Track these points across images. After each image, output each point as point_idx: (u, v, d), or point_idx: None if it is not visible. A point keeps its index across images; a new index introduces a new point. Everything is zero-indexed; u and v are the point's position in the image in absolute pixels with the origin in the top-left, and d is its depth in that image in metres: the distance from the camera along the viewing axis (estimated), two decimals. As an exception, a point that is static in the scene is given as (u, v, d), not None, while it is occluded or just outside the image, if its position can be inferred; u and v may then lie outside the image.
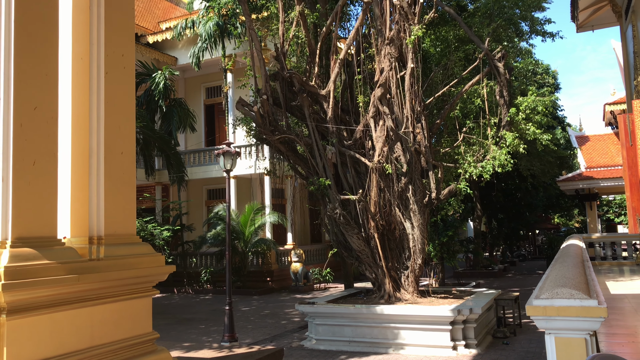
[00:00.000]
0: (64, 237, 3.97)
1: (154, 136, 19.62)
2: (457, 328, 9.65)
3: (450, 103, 12.32)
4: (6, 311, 3.16)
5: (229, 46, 22.27)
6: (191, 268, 22.56)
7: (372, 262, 11.19)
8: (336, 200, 10.89)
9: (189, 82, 27.18)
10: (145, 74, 22.03)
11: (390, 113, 10.85)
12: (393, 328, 10.00)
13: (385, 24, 11.21)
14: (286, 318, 14.38)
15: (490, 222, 31.78)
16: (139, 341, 4.12)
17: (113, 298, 3.95)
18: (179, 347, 8.58)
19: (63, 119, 4.03)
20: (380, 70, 11.21)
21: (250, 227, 20.94)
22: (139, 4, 26.07)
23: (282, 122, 11.71)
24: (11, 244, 3.31)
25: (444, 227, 17.59)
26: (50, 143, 3.65)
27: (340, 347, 10.30)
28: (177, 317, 15.16)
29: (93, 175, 4.09)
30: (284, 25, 11.99)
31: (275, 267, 21.70)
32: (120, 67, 4.32)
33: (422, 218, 10.90)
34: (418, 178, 10.94)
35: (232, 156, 11.62)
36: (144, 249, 4.35)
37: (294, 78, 11.29)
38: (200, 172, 24.23)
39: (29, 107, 3.51)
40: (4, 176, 3.36)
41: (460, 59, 14.32)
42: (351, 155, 11.28)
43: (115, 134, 4.21)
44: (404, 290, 11.08)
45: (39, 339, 3.36)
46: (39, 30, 3.62)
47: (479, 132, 12.38)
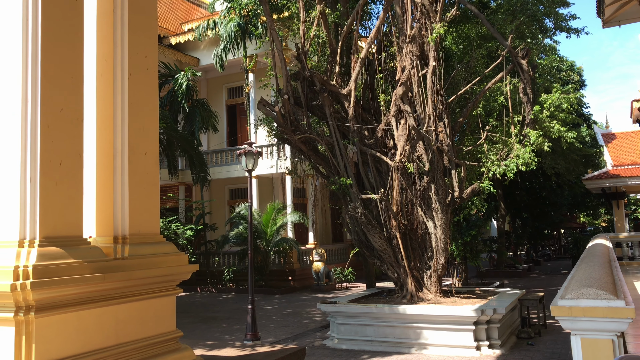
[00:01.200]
0: (90, 236, 4.03)
1: (177, 137, 19.83)
2: (481, 328, 9.56)
3: (472, 101, 12.20)
4: (34, 309, 3.22)
5: (250, 46, 22.39)
6: (214, 267, 22.74)
7: (394, 262, 11.15)
8: (358, 200, 10.87)
9: (211, 82, 27.39)
10: (168, 75, 22.28)
11: (412, 111, 10.79)
12: (415, 328, 9.94)
13: (407, 22, 11.15)
14: (308, 317, 14.40)
15: (514, 221, 31.41)
16: (163, 339, 4.16)
17: (137, 296, 3.99)
18: (202, 346, 8.66)
19: (88, 120, 4.09)
20: (402, 69, 11.15)
21: (272, 226, 21.02)
22: (162, 6, 26.36)
23: (303, 122, 11.73)
24: (39, 243, 3.37)
25: (467, 227, 17.42)
26: (76, 144, 3.72)
27: (362, 346, 10.28)
28: (201, 316, 15.30)
29: (117, 176, 4.15)
30: (304, 24, 12.01)
31: (297, 266, 21.75)
32: (144, 68, 4.37)
33: (444, 217, 10.81)
34: (440, 177, 10.85)
35: (253, 156, 11.69)
36: (168, 248, 4.39)
37: (315, 77, 11.30)
38: (223, 172, 24.41)
39: (56, 108, 3.57)
40: (32, 177, 3.43)
41: (483, 56, 14.17)
42: (372, 154, 11.25)
43: (139, 134, 4.26)
44: (426, 290, 11.01)
45: (66, 337, 3.42)
46: (65, 34, 3.68)
47: (502, 130, 12.23)
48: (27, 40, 3.51)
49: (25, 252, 3.30)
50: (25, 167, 3.44)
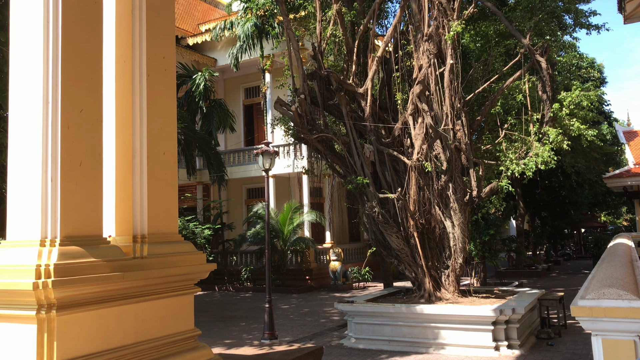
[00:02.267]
0: (109, 235, 4.08)
1: (194, 137, 19.98)
2: (500, 328, 9.48)
3: (490, 99, 12.10)
4: (56, 307, 3.27)
5: (267, 46, 22.45)
6: (232, 266, 22.87)
7: (411, 261, 11.10)
8: (374, 199, 10.84)
9: (228, 82, 27.54)
10: (186, 75, 22.45)
11: (429, 110, 10.73)
12: (433, 328, 9.89)
13: (424, 20, 11.09)
14: (325, 316, 14.41)
15: (534, 221, 31.07)
16: (182, 338, 4.20)
17: (156, 295, 4.03)
18: (220, 344, 8.70)
19: (107, 121, 4.14)
20: (419, 67, 11.10)
21: (289, 225, 21.07)
22: (179, 7, 26.57)
23: (320, 121, 11.73)
24: (60, 242, 3.42)
25: (485, 226, 17.28)
26: (95, 144, 3.76)
27: (379, 346, 10.26)
28: (218, 315, 15.39)
29: (136, 176, 4.19)
30: (321, 24, 12.01)
31: (314, 265, 21.77)
32: (162, 69, 4.41)
33: (462, 216, 10.74)
34: (458, 176, 10.78)
35: (270, 155, 11.72)
36: (186, 247, 4.43)
37: (331, 77, 11.30)
38: (240, 171, 24.53)
39: (76, 110, 3.62)
40: (52, 177, 3.48)
41: (501, 54, 14.03)
42: (389, 153, 11.21)
43: (158, 135, 4.30)
44: (444, 290, 10.94)
45: (87, 334, 3.47)
46: (85, 36, 3.73)
47: (521, 128, 12.11)
48: (48, 42, 3.56)
49: (46, 251, 3.36)
50: (46, 167, 3.49)
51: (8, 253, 3.48)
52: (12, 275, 3.32)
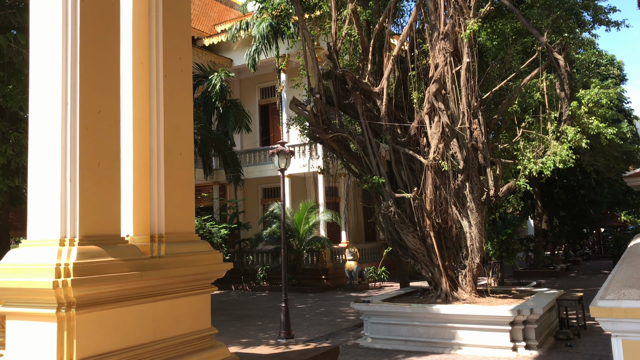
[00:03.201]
0: (127, 235, 4.12)
1: (211, 137, 20.11)
2: (517, 328, 9.39)
3: (508, 97, 11.99)
4: (75, 305, 3.31)
5: (282, 46, 22.50)
6: (248, 265, 22.96)
7: (428, 261, 11.04)
8: (390, 198, 10.80)
9: (244, 83, 27.65)
10: (202, 76, 22.59)
11: (445, 109, 10.67)
12: (450, 328, 9.84)
13: (440, 18, 11.03)
14: (341, 316, 14.40)
15: (552, 220, 30.72)
16: (199, 336, 4.23)
17: (174, 294, 4.07)
18: (237, 343, 8.76)
19: (125, 122, 4.19)
20: (435, 66, 11.03)
21: (305, 225, 21.10)
22: (195, 8, 26.74)
23: (335, 121, 11.72)
24: (79, 241, 3.47)
25: (502, 225, 17.13)
26: (113, 145, 3.81)
27: (396, 346, 10.22)
28: (235, 314, 15.47)
29: (154, 176, 4.23)
30: (336, 23, 12.00)
31: (329, 265, 21.77)
32: (178, 70, 4.45)
33: (479, 216, 10.66)
34: (475, 175, 10.70)
35: (286, 155, 11.75)
36: (203, 247, 4.46)
37: (346, 76, 11.29)
38: (256, 171, 24.62)
39: (94, 110, 3.66)
40: (71, 177, 3.53)
41: (518, 52, 13.89)
42: (405, 152, 11.17)
43: (175, 135, 4.33)
44: (461, 290, 10.87)
45: (106, 333, 3.51)
46: (102, 38, 3.77)
47: (539, 127, 11.98)
48: (67, 44, 3.61)
49: (66, 250, 3.40)
50: (65, 167, 3.54)
51: (29, 252, 3.54)
52: (33, 274, 3.37)
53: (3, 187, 9.52)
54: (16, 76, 8.89)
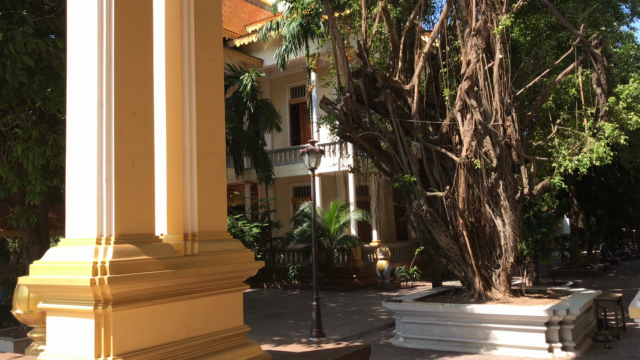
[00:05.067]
0: (161, 234, 4.19)
1: (242, 137, 20.29)
2: (553, 329, 9.20)
3: (542, 94, 11.75)
4: (112, 302, 3.39)
5: (312, 46, 22.53)
6: (279, 264, 23.09)
7: (460, 261, 10.91)
8: (422, 197, 10.71)
9: (275, 82, 27.79)
10: (233, 76, 22.79)
11: (478, 106, 10.52)
12: (484, 328, 9.70)
13: (471, 14, 10.88)
14: (373, 315, 14.36)
15: (589, 219, 29.97)
16: (231, 334, 4.27)
17: (207, 292, 4.12)
18: (269, 341, 8.80)
19: (158, 123, 4.26)
20: (467, 63, 10.89)
21: (335, 224, 21.10)
22: (226, 9, 27.00)
23: (366, 119, 11.68)
24: (115, 240, 3.54)
25: (537, 224, 16.79)
26: (147, 145, 3.87)
27: (428, 345, 10.14)
28: (267, 312, 15.58)
29: (187, 175, 4.29)
30: (366, 21, 11.95)
31: (360, 264, 21.72)
32: (210, 71, 4.50)
33: (513, 214, 10.48)
34: (509, 173, 10.52)
35: (316, 154, 11.76)
36: (235, 245, 4.50)
37: (377, 74, 11.23)
38: (286, 170, 24.73)
39: (128, 112, 3.74)
40: (107, 177, 3.61)
41: (553, 47, 13.59)
42: (437, 150, 11.05)
43: (207, 135, 4.39)
44: (495, 290, 10.71)
45: (141, 330, 3.58)
46: (136, 41, 3.85)
47: (574, 123, 11.70)
48: (102, 48, 3.69)
49: (102, 248, 3.48)
50: (101, 168, 3.62)
51: (67, 251, 3.63)
52: (71, 272, 3.46)
53: (42, 188, 9.79)
54: (54, 80, 9.12)
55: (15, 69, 8.05)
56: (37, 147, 9.43)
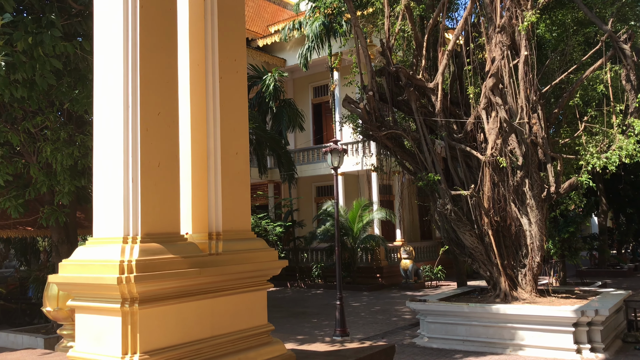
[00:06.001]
0: (186, 233, 4.23)
1: (265, 136, 20.39)
2: (581, 330, 9.03)
3: (569, 91, 11.54)
4: (138, 301, 3.44)
5: (335, 45, 22.51)
6: (302, 263, 23.14)
7: (486, 260, 10.79)
8: (446, 196, 10.62)
9: (297, 82, 27.85)
10: (257, 76, 22.91)
11: (503, 103, 10.38)
12: (510, 328, 9.58)
13: (496, 11, 10.74)
14: (397, 315, 14.29)
15: (618, 217, 29.33)
16: (256, 332, 4.29)
17: (231, 291, 4.15)
18: (292, 340, 8.82)
19: (183, 123, 4.30)
20: (492, 60, 10.76)
21: (359, 223, 21.05)
22: (249, 10, 27.14)
23: (389, 118, 11.62)
24: (141, 239, 3.59)
25: (564, 223, 16.50)
26: (172, 146, 3.92)
27: (453, 345, 10.06)
28: (291, 311, 15.62)
29: (211, 175, 4.33)
30: (389, 19, 11.89)
31: (384, 263, 21.64)
32: (233, 71, 4.53)
33: (540, 213, 10.32)
34: (535, 171, 10.36)
35: (339, 153, 11.75)
36: (259, 244, 4.52)
37: (400, 72, 11.17)
38: (309, 169, 24.76)
39: (153, 113, 3.78)
40: (133, 177, 3.66)
41: (580, 43, 13.34)
42: (462, 148, 10.95)
43: (231, 135, 4.42)
44: (521, 289, 10.56)
45: (167, 327, 3.62)
46: (161, 42, 3.89)
47: (603, 120, 11.47)
48: (128, 50, 3.74)
49: (129, 247, 3.53)
50: (127, 168, 3.67)
51: (95, 249, 3.70)
52: (99, 270, 3.52)
53: (71, 188, 9.98)
54: (82, 81, 9.29)
55: (44, 71, 8.22)
56: (66, 147, 9.61)
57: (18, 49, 7.90)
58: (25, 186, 10.83)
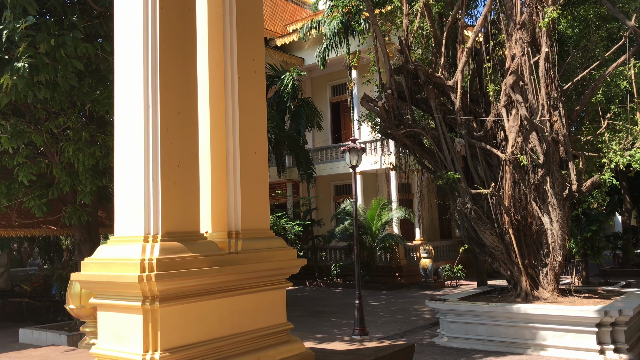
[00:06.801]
0: (206, 231, 4.26)
1: (284, 135, 20.44)
2: (605, 330, 8.89)
3: (591, 87, 11.36)
4: (159, 299, 3.47)
5: (353, 43, 22.47)
6: (321, 262, 23.15)
7: (506, 259, 10.68)
8: (466, 195, 10.54)
9: (315, 81, 27.86)
10: (275, 76, 22.98)
11: (523, 101, 10.26)
12: (531, 328, 9.47)
13: (516, 7, 10.62)
14: (416, 314, 14.23)
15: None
16: (275, 331, 4.31)
17: (250, 289, 4.16)
18: (311, 339, 8.83)
19: (202, 122, 4.33)
20: (512, 57, 10.64)
21: (377, 222, 20.99)
22: (267, 9, 27.22)
23: (407, 116, 11.57)
24: (161, 238, 3.62)
25: (587, 222, 16.26)
26: (192, 145, 3.94)
27: (473, 345, 9.98)
28: (310, 310, 15.65)
29: (230, 174, 4.35)
30: (407, 17, 11.83)
31: (403, 262, 21.55)
32: (252, 71, 4.54)
33: (561, 212, 10.18)
34: (556, 169, 10.23)
35: (357, 152, 11.73)
36: (278, 243, 4.53)
37: (419, 70, 11.11)
38: (328, 168, 24.76)
39: (173, 112, 3.81)
40: (153, 176, 3.69)
41: (602, 39, 13.12)
42: (482, 146, 10.85)
43: (249, 134, 4.43)
44: (542, 289, 10.43)
45: (187, 326, 3.65)
46: (180, 42, 3.92)
47: (626, 117, 11.27)
48: (147, 51, 3.77)
49: (149, 246, 3.57)
50: (147, 167, 3.70)
51: (116, 248, 3.74)
52: (120, 269, 3.56)
53: (92, 187, 10.12)
54: (103, 82, 9.41)
55: (67, 72, 8.35)
56: (87, 148, 9.75)
57: (41, 50, 8.04)
58: (49, 186, 11.03)
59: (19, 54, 7.92)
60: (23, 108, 10.22)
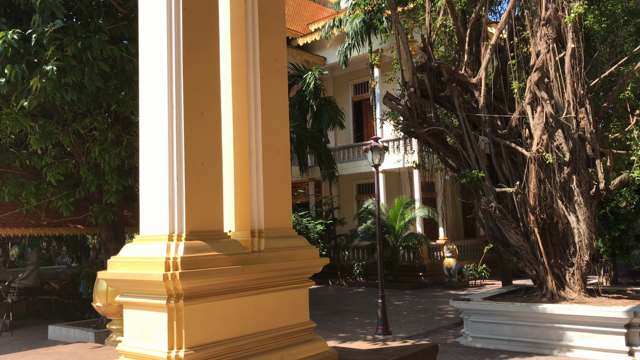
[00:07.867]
0: (229, 230, 4.29)
1: (306, 135, 20.47)
2: (634, 332, 8.71)
3: (619, 84, 11.13)
4: (183, 297, 3.51)
5: (375, 41, 22.38)
6: (344, 261, 23.13)
7: (532, 259, 10.53)
8: (491, 193, 10.42)
9: (337, 80, 27.83)
10: (297, 75, 23.03)
11: (549, 98, 10.11)
12: (557, 328, 9.33)
13: (541, 3, 10.46)
14: (440, 314, 14.12)
15: (673, 215, 28.13)
16: (298, 330, 4.32)
17: (273, 288, 4.18)
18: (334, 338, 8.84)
19: (225, 122, 4.36)
20: (536, 53, 10.48)
21: (400, 221, 20.88)
22: (289, 9, 27.28)
23: (431, 114, 11.48)
24: (186, 236, 3.66)
25: (615, 221, 15.92)
26: (215, 145, 3.98)
27: (498, 345, 9.87)
28: (332, 309, 15.65)
29: (253, 174, 4.38)
30: (430, 15, 11.75)
31: (427, 262, 21.40)
32: (274, 71, 4.56)
33: (588, 211, 10.00)
34: (583, 167, 10.05)
35: (380, 151, 11.68)
36: (300, 242, 4.55)
37: (442, 68, 11.02)
38: (350, 167, 24.72)
39: (197, 113, 3.85)
40: (178, 176, 3.73)
41: (631, 34, 12.85)
42: (506, 144, 10.71)
43: (272, 134, 4.46)
44: (569, 289, 10.26)
45: (211, 324, 3.68)
46: (203, 43, 3.96)
47: (656, 113, 11.01)
48: (171, 52, 3.82)
49: (174, 245, 3.61)
50: (172, 167, 3.75)
51: (141, 247, 3.80)
52: (145, 267, 3.61)
53: (118, 187, 10.28)
54: (128, 83, 9.55)
55: (93, 74, 8.50)
56: (113, 148, 9.91)
57: (68, 53, 8.20)
58: (76, 185, 11.23)
59: (47, 57, 8.09)
60: (51, 110, 10.44)
